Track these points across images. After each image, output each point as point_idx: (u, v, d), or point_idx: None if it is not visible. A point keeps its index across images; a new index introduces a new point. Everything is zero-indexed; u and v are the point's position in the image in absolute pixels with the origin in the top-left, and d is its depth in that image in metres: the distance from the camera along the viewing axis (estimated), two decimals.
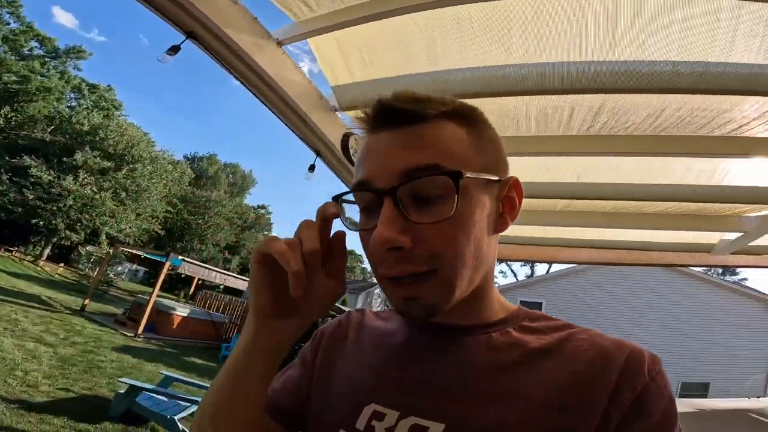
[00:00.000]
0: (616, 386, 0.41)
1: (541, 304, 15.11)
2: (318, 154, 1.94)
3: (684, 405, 2.68)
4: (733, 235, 2.49)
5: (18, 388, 4.78)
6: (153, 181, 30.05)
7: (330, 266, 0.49)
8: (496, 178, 0.49)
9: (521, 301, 15.28)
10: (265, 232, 54.73)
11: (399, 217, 0.44)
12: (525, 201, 2.21)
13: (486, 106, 1.70)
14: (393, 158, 0.46)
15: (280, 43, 1.43)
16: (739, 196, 1.95)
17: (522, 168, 2.12)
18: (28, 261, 24.24)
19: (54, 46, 35.75)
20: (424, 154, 0.45)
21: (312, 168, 1.97)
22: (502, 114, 1.68)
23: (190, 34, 1.19)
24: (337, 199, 0.50)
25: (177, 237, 36.19)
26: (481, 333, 0.50)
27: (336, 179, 2.15)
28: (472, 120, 0.50)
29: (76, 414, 4.48)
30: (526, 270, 40.60)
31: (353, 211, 0.51)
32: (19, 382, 4.99)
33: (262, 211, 55.23)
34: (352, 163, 2.00)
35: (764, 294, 14.68)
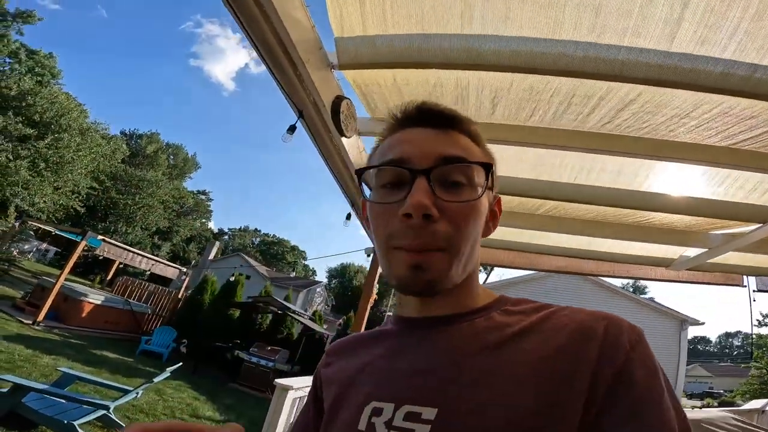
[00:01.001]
0: (597, 359, 0.42)
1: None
2: (301, 114, 1.70)
3: None
4: (694, 251, 2.60)
5: None
6: (80, 153, 27.04)
7: None
8: (496, 189, 0.60)
9: None
10: (203, 220, 51.66)
11: (430, 192, 0.49)
12: (512, 200, 2.08)
13: (514, 81, 1.57)
14: (430, 146, 0.53)
15: None
16: (707, 210, 2.01)
17: (518, 159, 2.02)
18: None
19: (3, 8, 31.41)
20: (457, 149, 0.53)
21: (292, 129, 1.72)
22: (521, 96, 1.55)
23: None
24: (362, 171, 0.56)
25: (100, 217, 32.89)
26: (465, 320, 0.53)
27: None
28: (481, 143, 0.59)
29: None
30: (482, 276, 42.12)
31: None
32: None
33: (203, 197, 52.07)
34: (339, 129, 1.76)
35: (678, 312, 16.40)
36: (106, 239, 12.20)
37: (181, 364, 5.57)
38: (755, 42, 0.98)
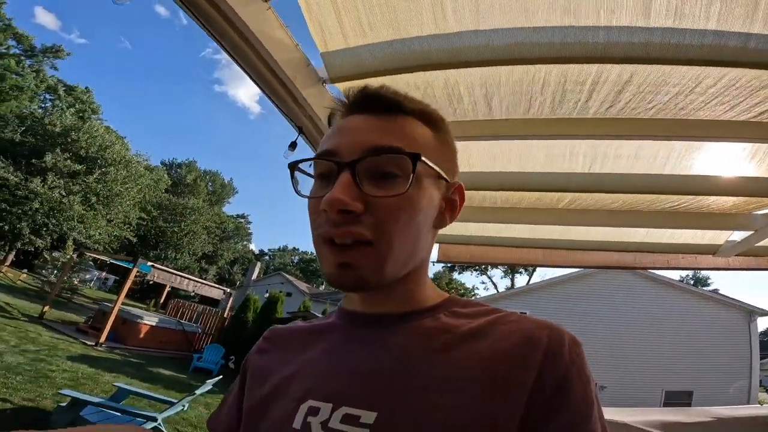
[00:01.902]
0: (540, 368, 0.42)
1: (524, 314, 15.20)
2: (301, 130, 1.74)
3: (681, 414, 2.52)
4: (740, 235, 2.39)
5: None
6: (126, 185, 29.04)
7: None
8: (446, 177, 0.53)
9: None
10: (244, 242, 53.67)
11: (353, 186, 0.46)
12: (532, 196, 2.02)
13: (502, 74, 1.57)
14: (361, 136, 0.49)
15: None
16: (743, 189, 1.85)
17: (528, 154, 1.96)
18: None
19: (31, 44, 34.42)
20: (391, 138, 0.49)
21: (293, 146, 1.77)
22: (513, 90, 1.51)
23: None
24: (295, 165, 0.53)
25: (151, 245, 35.01)
26: (411, 320, 0.51)
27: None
28: (438, 125, 0.55)
29: (9, 428, 4.01)
30: (506, 282, 40.90)
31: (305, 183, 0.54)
32: None
33: (242, 220, 54.18)
34: None
35: (743, 303, 15.08)
36: (156, 265, 13.02)
37: (221, 377, 5.87)
38: (737, 10, 0.90)
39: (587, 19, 1.05)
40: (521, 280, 38.45)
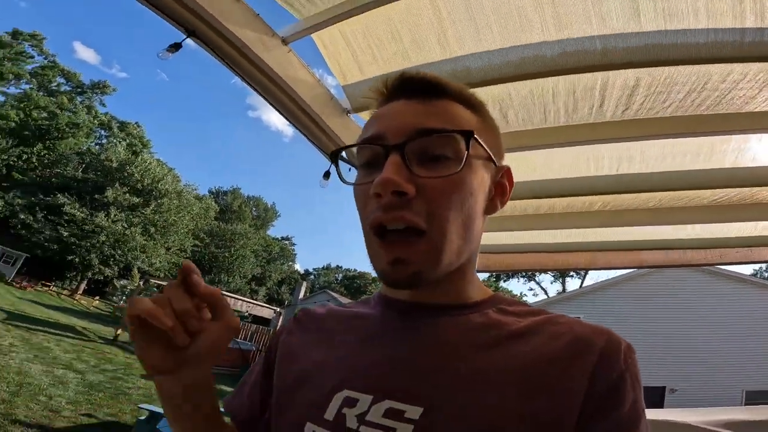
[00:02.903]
0: (593, 371, 0.41)
1: (578, 318, 14.41)
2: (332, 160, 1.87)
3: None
4: None
5: (39, 413, 4.73)
6: (180, 215, 31.04)
7: (214, 312, 0.47)
8: (494, 159, 0.51)
9: None
10: (290, 263, 55.30)
11: (404, 168, 0.44)
12: (562, 201, 2.04)
13: (512, 90, 1.64)
14: (407, 118, 0.47)
15: (285, 41, 1.37)
16: None
17: (551, 161, 1.98)
18: (65, 295, 25.15)
19: (79, 81, 37.55)
20: (438, 120, 0.47)
21: (327, 175, 1.90)
22: (525, 102, 1.56)
23: (192, 33, 1.14)
24: (338, 153, 0.52)
25: (206, 270, 36.97)
26: (458, 314, 0.49)
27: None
28: (479, 108, 0.53)
29: None
30: (557, 287, 39.16)
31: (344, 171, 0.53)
32: (42, 407, 4.96)
33: (286, 242, 56.00)
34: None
35: None
36: None
37: None
38: (723, 5, 0.92)
39: (580, 29, 1.10)
40: (573, 284, 36.70)
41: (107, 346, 11.35)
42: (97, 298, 27.26)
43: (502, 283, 40.71)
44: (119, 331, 13.37)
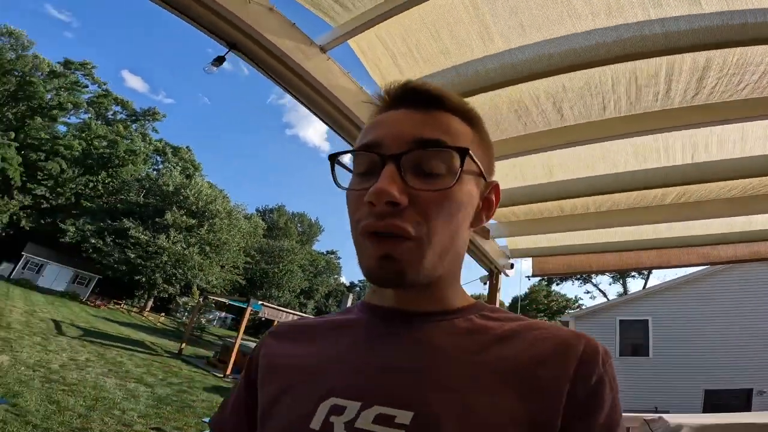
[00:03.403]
0: (575, 374, 0.42)
1: (647, 321, 13.29)
2: None
3: None
4: None
5: (114, 427, 5.01)
6: (231, 233, 32.66)
7: None
8: (485, 175, 0.52)
9: (622, 321, 13.60)
10: (336, 276, 56.32)
11: (398, 179, 0.45)
12: (628, 197, 1.88)
13: (565, 82, 1.55)
14: (405, 128, 0.48)
15: (323, 49, 1.36)
16: None
17: (614, 155, 1.82)
18: (135, 312, 27.22)
19: (132, 109, 40.36)
20: (436, 132, 0.48)
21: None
22: (581, 94, 1.44)
23: (233, 46, 1.15)
24: (335, 157, 0.52)
25: (257, 285, 38.48)
26: (443, 319, 0.50)
27: None
28: (476, 123, 0.53)
29: None
30: (617, 288, 36.70)
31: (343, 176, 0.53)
32: (116, 420, 5.25)
33: (332, 256, 57.10)
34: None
35: None
36: (265, 303, 14.51)
37: None
38: None
39: (635, 14, 0.99)
40: (634, 285, 34.21)
41: (173, 360, 12.08)
42: (163, 314, 29.25)
43: (554, 287, 38.76)
44: (183, 345, 14.26)
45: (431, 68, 1.49)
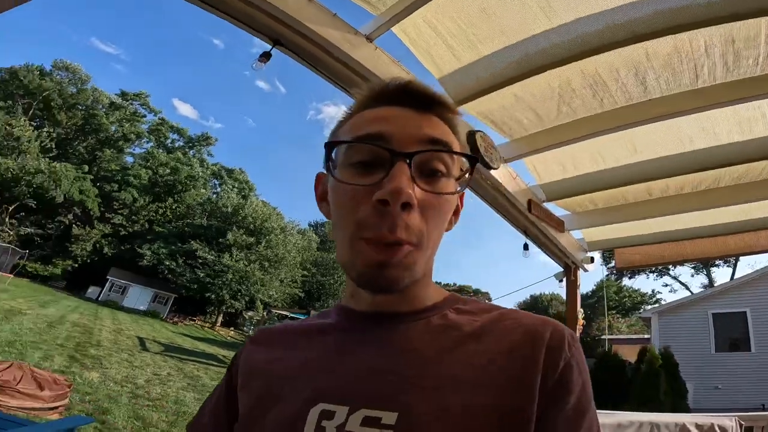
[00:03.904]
0: (543, 361, 0.43)
1: (744, 313, 11.84)
2: None
3: None
4: None
5: None
6: (287, 248, 34.04)
7: None
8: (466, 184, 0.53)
9: (715, 314, 12.26)
10: None
11: (410, 178, 0.45)
12: (731, 172, 1.60)
13: (648, 50, 1.33)
14: (413, 126, 0.48)
15: (369, 38, 1.26)
16: None
17: (713, 126, 1.54)
18: (207, 327, 29.10)
19: (188, 136, 43.46)
20: (443, 134, 0.49)
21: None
22: (668, 62, 1.22)
23: (277, 42, 1.09)
24: (332, 145, 0.50)
25: (315, 297, 39.64)
26: (418, 317, 0.51)
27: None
28: (457, 129, 0.53)
29: None
30: (700, 280, 33.37)
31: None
32: None
33: None
34: (485, 164, 1.72)
35: None
36: None
37: None
38: None
39: None
40: (720, 274, 30.83)
41: None
42: (232, 328, 30.96)
43: (626, 281, 35.88)
44: None
45: (489, 48, 1.34)
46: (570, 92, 1.41)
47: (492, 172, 1.80)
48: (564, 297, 3.05)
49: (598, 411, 0.47)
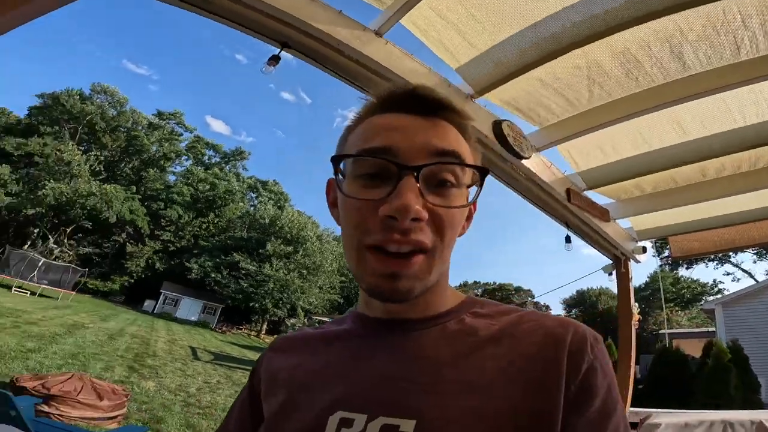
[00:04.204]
0: (566, 364, 0.43)
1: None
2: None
3: None
4: None
5: None
6: (324, 255, 34.72)
7: None
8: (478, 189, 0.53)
9: None
10: None
11: (419, 193, 0.44)
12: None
13: (682, 24, 1.21)
14: (422, 137, 0.47)
15: (378, 33, 1.21)
16: None
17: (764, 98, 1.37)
18: (253, 335, 30.14)
19: (223, 151, 45.44)
20: (449, 143, 0.48)
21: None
22: (705, 35, 1.09)
23: (285, 44, 1.07)
24: (340, 159, 0.50)
25: (354, 302, 40.03)
26: (436, 324, 0.51)
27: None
28: (470, 135, 0.52)
29: None
30: (765, 266, 30.68)
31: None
32: None
33: None
34: (515, 154, 1.64)
35: None
36: None
37: None
38: None
39: None
40: None
41: None
42: (276, 336, 32.02)
43: (683, 271, 33.54)
44: None
45: (505, 32, 1.26)
46: (600, 73, 1.30)
47: (524, 162, 1.71)
48: (614, 291, 2.86)
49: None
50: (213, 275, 32.61)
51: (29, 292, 19.27)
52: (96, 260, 34.69)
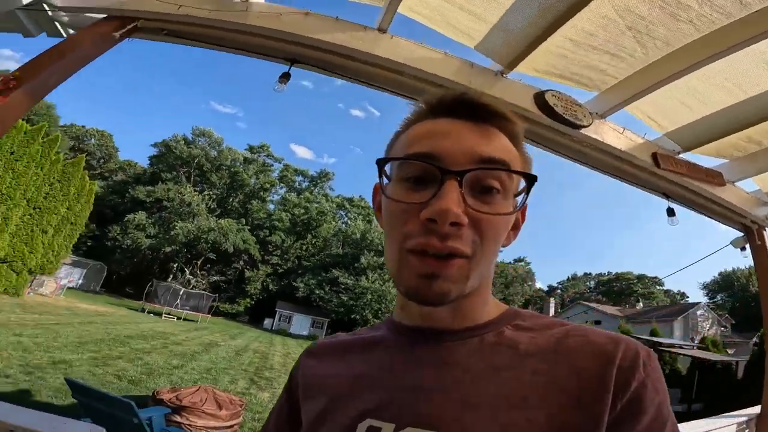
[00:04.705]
0: (615, 383, 0.41)
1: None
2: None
3: None
4: None
5: None
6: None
7: None
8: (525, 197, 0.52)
9: None
10: (529, 283, 53.14)
11: (461, 198, 0.44)
12: None
13: None
14: (467, 143, 0.47)
15: (381, 30, 1.20)
16: None
17: None
18: None
19: (310, 175, 49.25)
20: (496, 150, 0.47)
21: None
22: None
23: (294, 61, 1.12)
24: (384, 162, 0.50)
25: None
26: (473, 335, 0.49)
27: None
28: (520, 141, 0.52)
29: None
30: None
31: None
32: None
33: (520, 263, 54.09)
34: (569, 123, 1.50)
35: None
36: None
37: None
38: None
39: None
40: None
41: None
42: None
43: None
44: None
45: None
46: (635, 22, 1.11)
47: (585, 131, 1.53)
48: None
49: None
50: (317, 292, 35.26)
51: (176, 317, 22.90)
52: (223, 286, 39.75)
